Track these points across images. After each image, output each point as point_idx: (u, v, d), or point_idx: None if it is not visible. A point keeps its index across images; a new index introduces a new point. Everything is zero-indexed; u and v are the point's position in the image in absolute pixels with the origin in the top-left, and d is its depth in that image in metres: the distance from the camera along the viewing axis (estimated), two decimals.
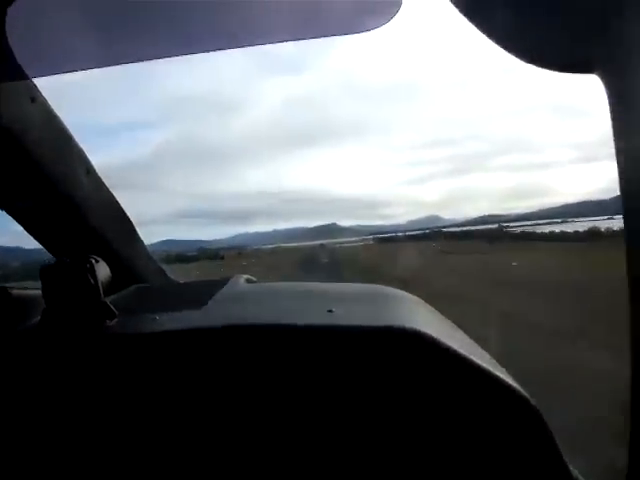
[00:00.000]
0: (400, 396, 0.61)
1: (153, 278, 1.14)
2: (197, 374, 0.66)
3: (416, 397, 0.61)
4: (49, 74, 0.77)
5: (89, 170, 0.99)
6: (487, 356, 0.70)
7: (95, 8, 0.68)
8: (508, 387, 0.59)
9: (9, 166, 0.89)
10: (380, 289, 0.87)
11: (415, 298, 0.87)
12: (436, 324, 0.73)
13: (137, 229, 1.12)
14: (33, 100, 0.86)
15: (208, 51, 0.69)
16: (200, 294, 0.82)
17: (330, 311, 0.69)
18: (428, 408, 0.60)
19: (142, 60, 0.71)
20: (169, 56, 0.69)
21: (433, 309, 0.86)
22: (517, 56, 0.49)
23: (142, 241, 1.14)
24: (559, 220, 20.40)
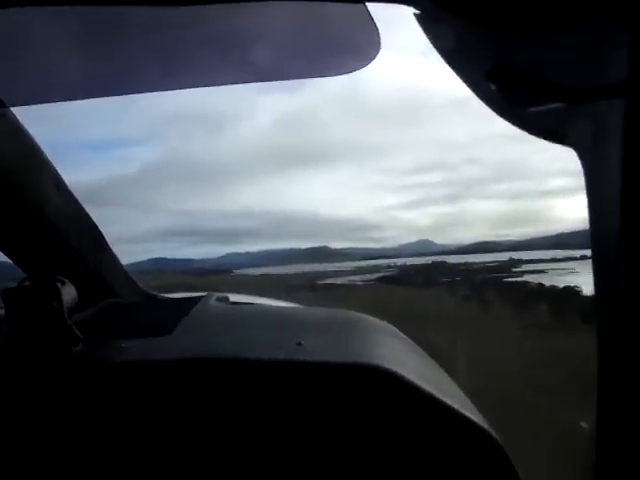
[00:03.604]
0: (365, 434, 0.65)
1: (124, 291, 1.21)
2: (161, 406, 0.69)
3: (383, 436, 0.65)
4: (30, 103, 0.81)
5: (58, 184, 1.06)
6: (458, 392, 0.75)
7: (83, 34, 0.69)
8: (475, 426, 0.64)
9: None
10: (353, 316, 0.93)
11: (388, 326, 0.93)
12: (406, 358, 0.78)
13: (110, 244, 1.19)
14: (1, 115, 0.90)
15: (192, 87, 0.73)
16: (170, 316, 0.87)
17: (299, 344, 0.73)
18: (394, 447, 0.64)
19: (132, 92, 0.75)
20: (159, 90, 0.74)
21: (405, 337, 0.91)
22: (497, 112, 0.51)
23: (114, 253, 1.20)
24: (578, 255, 17.44)
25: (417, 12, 0.44)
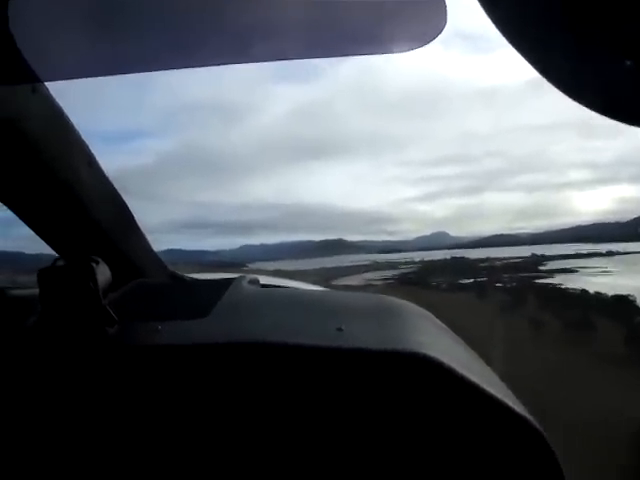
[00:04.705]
0: (408, 422, 0.63)
1: (153, 272, 1.12)
2: (198, 390, 0.67)
3: (424, 423, 0.63)
4: (51, 79, 0.79)
5: (91, 162, 0.99)
6: (498, 381, 0.73)
7: (104, 13, 0.66)
8: (518, 416, 0.61)
9: (9, 158, 0.89)
10: (390, 302, 0.88)
11: (426, 313, 0.88)
12: (448, 346, 0.76)
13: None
14: (34, 90, 0.85)
15: (236, 62, 0.67)
16: (203, 299, 0.83)
17: (339, 329, 0.69)
18: (435, 434, 0.63)
19: (151, 70, 0.70)
20: (185, 67, 0.67)
21: (442, 324, 0.88)
22: (572, 96, 0.42)
23: (143, 233, 1.14)
24: (603, 251, 16.29)
25: None
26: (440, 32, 0.51)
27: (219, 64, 0.70)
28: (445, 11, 0.48)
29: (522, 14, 0.42)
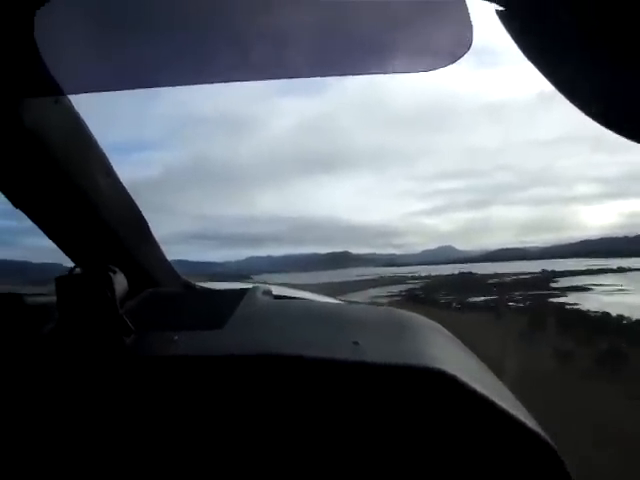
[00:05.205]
0: (422, 435, 0.64)
1: (166, 280, 1.13)
2: (214, 402, 0.67)
3: (438, 437, 0.63)
4: (73, 92, 0.82)
5: (109, 172, 1.01)
6: (510, 395, 0.73)
7: (122, 32, 0.69)
8: (530, 432, 0.61)
9: (30, 167, 0.90)
10: (401, 315, 0.89)
11: (437, 326, 0.90)
12: (461, 360, 0.77)
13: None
14: (56, 102, 0.87)
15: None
16: (218, 309, 0.84)
17: (356, 343, 0.69)
18: (449, 447, 0.63)
19: (164, 85, 0.72)
20: (197, 83, 0.70)
21: (454, 337, 0.90)
22: (585, 110, 0.43)
23: (157, 243, 1.14)
24: (614, 266, 15.77)
25: (500, 9, 0.42)
26: (466, 51, 0.50)
27: (232, 81, 0.70)
28: (471, 30, 0.47)
29: (542, 30, 0.41)
